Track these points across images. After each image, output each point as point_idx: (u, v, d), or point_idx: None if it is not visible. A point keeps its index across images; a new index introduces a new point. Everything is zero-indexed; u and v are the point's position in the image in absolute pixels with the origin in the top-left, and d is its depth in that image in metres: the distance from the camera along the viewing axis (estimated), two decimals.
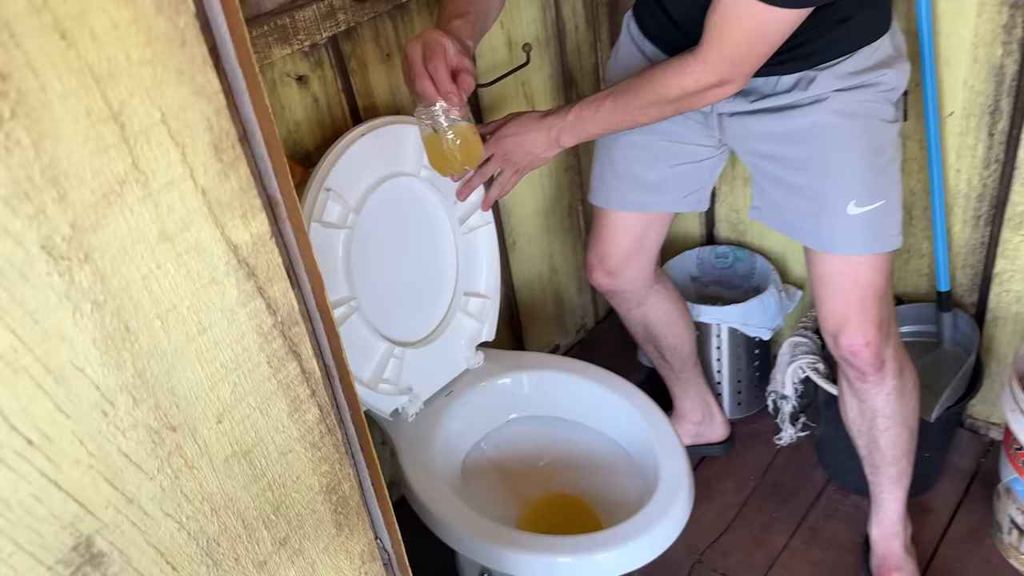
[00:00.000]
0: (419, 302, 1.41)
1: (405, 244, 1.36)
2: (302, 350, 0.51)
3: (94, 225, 0.38)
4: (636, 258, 1.52)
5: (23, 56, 0.34)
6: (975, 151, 1.48)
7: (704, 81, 1.11)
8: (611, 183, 1.45)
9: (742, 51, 1.08)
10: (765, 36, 1.06)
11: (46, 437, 0.39)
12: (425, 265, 1.40)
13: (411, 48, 1.09)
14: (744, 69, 1.10)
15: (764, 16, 1.02)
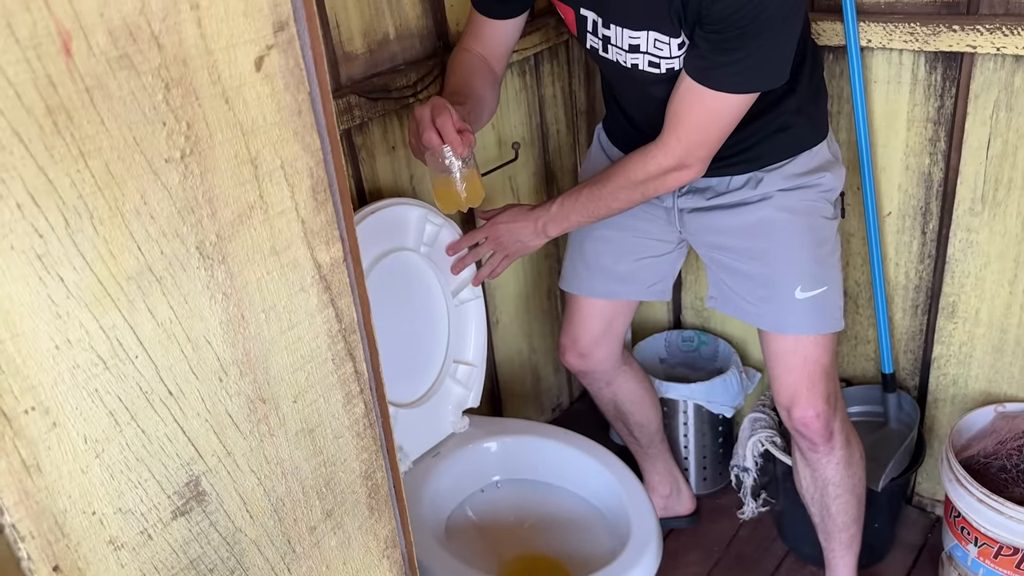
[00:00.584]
0: (413, 367, 1.55)
1: (403, 312, 1.50)
2: (356, 354, 0.65)
3: (231, 236, 0.53)
4: (605, 341, 1.67)
5: (202, 113, 0.49)
6: (911, 247, 1.68)
7: (665, 164, 1.27)
8: (582, 273, 1.61)
9: (697, 135, 1.24)
10: (717, 120, 1.22)
11: (181, 391, 0.52)
12: (420, 333, 1.54)
13: (420, 109, 1.23)
14: (700, 153, 1.26)
15: (715, 102, 1.19)
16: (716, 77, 1.16)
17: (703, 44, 1.15)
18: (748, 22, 1.09)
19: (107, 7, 0.44)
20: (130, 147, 0.46)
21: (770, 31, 1.11)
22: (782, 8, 1.09)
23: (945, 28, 1.41)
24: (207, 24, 0.48)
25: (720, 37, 1.12)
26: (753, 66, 1.14)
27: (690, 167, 1.27)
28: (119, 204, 0.47)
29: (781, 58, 1.16)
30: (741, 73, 1.15)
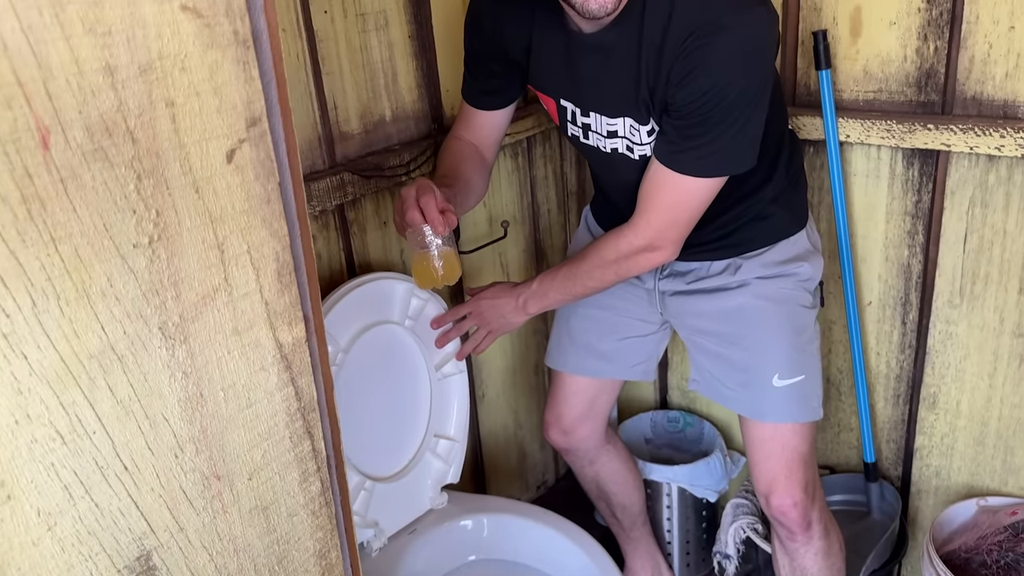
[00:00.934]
0: (393, 440, 1.55)
1: (385, 385, 1.52)
2: (315, 432, 0.66)
3: (194, 317, 0.55)
4: (589, 419, 1.68)
5: (172, 202, 0.52)
6: (892, 337, 1.70)
7: (636, 244, 1.30)
8: (568, 350, 1.63)
9: (666, 217, 1.27)
10: (685, 203, 1.25)
11: (136, 466, 0.54)
12: (402, 406, 1.55)
13: (406, 189, 1.28)
14: (671, 235, 1.28)
15: (682, 185, 1.22)
16: (682, 161, 1.20)
17: (670, 129, 1.20)
18: (711, 108, 1.14)
19: (86, 105, 0.47)
20: (100, 233, 0.49)
21: (733, 118, 1.15)
22: (744, 95, 1.14)
23: (920, 127, 1.46)
24: (181, 120, 0.52)
25: (684, 123, 1.17)
26: (718, 151, 1.18)
27: (661, 249, 1.29)
28: (86, 286, 0.49)
29: (746, 144, 1.20)
30: (706, 158, 1.19)
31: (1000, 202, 1.48)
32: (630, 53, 1.19)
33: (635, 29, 1.17)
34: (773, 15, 1.14)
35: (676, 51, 1.13)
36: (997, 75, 1.41)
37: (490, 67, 1.41)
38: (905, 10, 1.46)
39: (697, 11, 1.12)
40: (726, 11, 1.11)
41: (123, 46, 0.48)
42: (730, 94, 1.13)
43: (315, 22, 1.45)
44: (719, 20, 1.10)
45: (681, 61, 1.13)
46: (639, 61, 1.18)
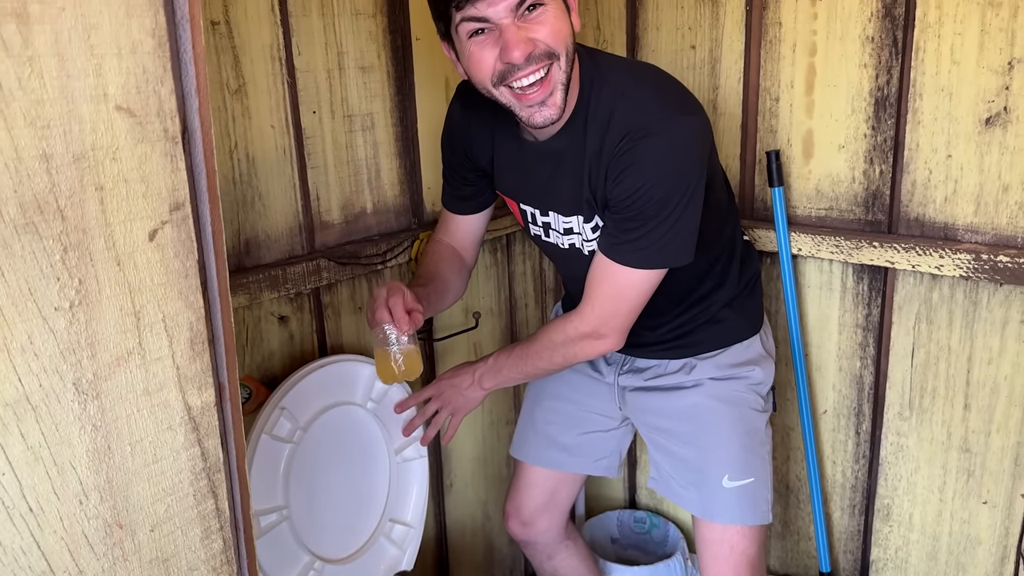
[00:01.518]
0: (346, 521, 1.58)
1: (343, 465, 1.56)
2: (219, 492, 0.72)
3: (107, 376, 0.62)
4: (548, 511, 1.71)
5: (94, 272, 0.60)
6: (846, 446, 1.73)
7: (581, 330, 1.36)
8: (531, 440, 1.68)
9: (609, 306, 1.33)
10: (626, 293, 1.32)
11: (41, 509, 0.60)
12: (358, 487, 1.59)
13: (377, 290, 1.37)
14: (613, 324, 1.34)
15: (622, 276, 1.30)
16: (621, 252, 1.28)
17: (610, 224, 1.29)
18: (644, 204, 1.22)
19: (21, 185, 0.55)
20: (24, 296, 0.56)
21: (666, 213, 1.23)
22: (674, 193, 1.22)
23: (866, 244, 1.54)
24: (109, 202, 0.60)
25: (621, 217, 1.26)
26: (654, 244, 1.26)
27: (605, 337, 1.35)
28: (7, 341, 0.56)
29: (681, 239, 1.27)
30: (643, 250, 1.26)
31: (944, 319, 1.54)
32: (576, 157, 1.29)
33: (580, 136, 1.28)
34: (702, 122, 1.25)
35: (612, 152, 1.23)
36: (937, 199, 1.50)
37: (463, 176, 1.52)
38: (852, 135, 1.56)
39: (632, 117, 1.23)
40: (657, 118, 1.22)
41: (60, 138, 0.56)
42: (660, 192, 1.21)
43: (303, 120, 1.56)
44: (650, 126, 1.21)
45: (615, 161, 1.23)
46: (584, 164, 1.29)
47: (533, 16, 1.15)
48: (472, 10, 1.13)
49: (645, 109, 1.24)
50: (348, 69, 1.62)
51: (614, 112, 1.24)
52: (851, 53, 1.53)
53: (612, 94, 1.26)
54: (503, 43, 1.14)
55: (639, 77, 1.32)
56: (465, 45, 1.19)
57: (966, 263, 1.44)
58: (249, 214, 1.51)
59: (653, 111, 1.23)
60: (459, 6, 1.14)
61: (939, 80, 1.45)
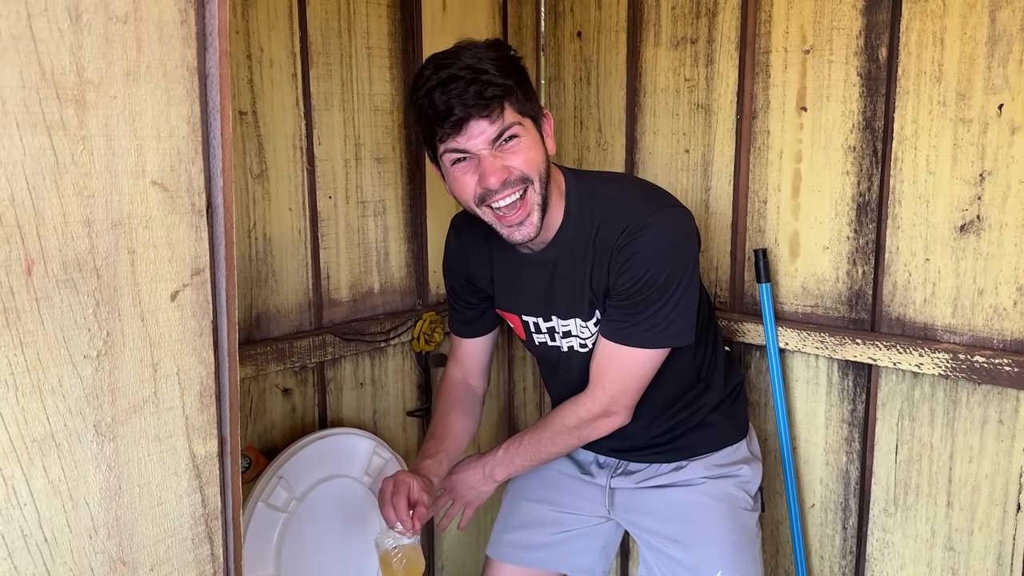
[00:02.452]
0: None
1: (335, 537, 1.59)
2: (215, 538, 0.77)
3: (124, 421, 0.69)
4: None
5: (120, 326, 0.67)
6: (834, 541, 1.75)
7: (593, 411, 1.44)
8: (502, 537, 1.69)
9: (618, 385, 1.42)
10: (633, 372, 1.41)
11: (55, 540, 0.66)
12: (351, 559, 1.62)
13: (385, 483, 1.43)
14: (624, 402, 1.43)
15: (630, 356, 1.39)
16: (627, 335, 1.37)
17: (614, 312, 1.38)
18: (648, 290, 1.33)
19: (65, 246, 0.63)
20: (59, 343, 0.64)
21: (668, 296, 1.34)
22: (676, 276, 1.34)
23: (850, 341, 1.60)
24: (138, 264, 0.68)
25: (627, 303, 1.36)
26: (659, 324, 1.36)
27: (616, 414, 1.43)
28: (40, 383, 0.63)
29: (684, 318, 1.37)
30: (648, 331, 1.36)
31: (926, 417, 1.59)
32: (571, 262, 1.41)
33: (572, 243, 1.40)
34: (686, 212, 1.39)
35: (612, 247, 1.35)
36: (917, 300, 1.57)
37: (467, 300, 1.61)
38: (836, 237, 1.65)
39: (625, 215, 1.35)
40: (649, 212, 1.35)
41: (102, 206, 0.65)
42: (662, 277, 1.33)
43: (319, 204, 1.67)
44: (644, 219, 1.34)
45: (617, 254, 1.35)
46: (581, 265, 1.40)
47: (508, 146, 1.28)
48: (453, 143, 1.28)
49: (636, 206, 1.36)
50: (364, 159, 1.73)
51: (607, 214, 1.37)
52: (834, 161, 1.63)
53: (600, 200, 1.39)
54: (481, 170, 1.28)
55: (619, 184, 1.46)
56: (449, 170, 1.32)
57: (944, 362, 1.50)
58: (262, 289, 1.60)
59: (643, 207, 1.36)
60: (442, 139, 1.28)
61: (916, 188, 1.54)
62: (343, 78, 1.68)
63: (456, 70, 1.24)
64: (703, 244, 1.83)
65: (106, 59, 0.64)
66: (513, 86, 1.28)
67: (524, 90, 1.32)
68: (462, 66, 1.24)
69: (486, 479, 1.56)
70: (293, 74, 1.59)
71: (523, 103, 1.31)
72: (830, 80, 1.62)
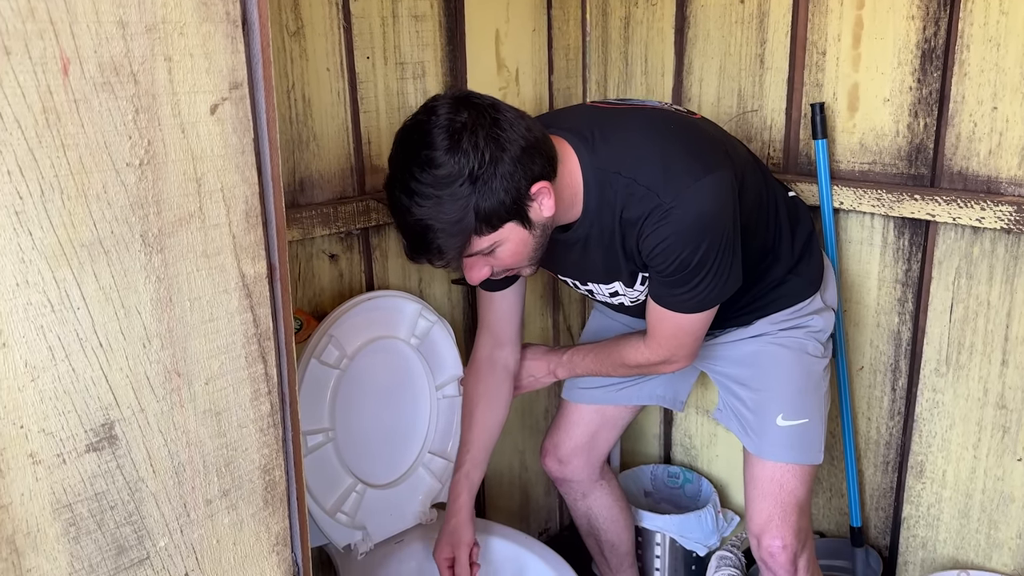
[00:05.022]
0: (389, 449, 1.65)
1: (386, 395, 1.63)
2: (268, 359, 0.78)
3: (170, 233, 0.68)
4: (586, 451, 1.76)
5: (161, 136, 0.66)
6: (881, 403, 1.74)
7: (652, 359, 1.47)
8: (576, 383, 1.73)
9: (674, 342, 1.43)
10: (686, 332, 1.41)
11: (110, 346, 0.67)
12: (401, 418, 1.65)
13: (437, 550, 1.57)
14: (682, 352, 1.45)
15: (679, 320, 1.38)
16: (675, 303, 1.36)
17: (654, 284, 1.37)
18: (684, 270, 1.29)
19: (100, 47, 0.62)
20: (101, 148, 0.63)
21: (707, 269, 1.29)
22: (712, 250, 1.27)
23: (908, 197, 1.55)
24: (176, 72, 0.66)
25: (667, 280, 1.33)
26: (702, 292, 1.32)
27: (677, 361, 1.47)
28: (84, 188, 0.63)
29: (728, 277, 1.33)
30: (693, 299, 1.34)
31: (984, 274, 1.54)
32: (601, 239, 1.35)
33: (598, 222, 1.33)
34: (717, 178, 1.27)
35: (636, 235, 1.30)
36: (981, 152, 1.50)
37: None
38: (898, 88, 1.57)
39: (645, 201, 1.26)
40: (671, 196, 1.25)
41: (134, 7, 0.63)
42: (696, 257, 1.27)
43: (357, 66, 1.63)
44: (667, 205, 1.25)
45: (644, 241, 1.29)
46: (613, 242, 1.34)
47: (492, 254, 1.27)
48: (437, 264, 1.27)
49: (657, 188, 1.26)
50: (402, 17, 1.68)
51: (628, 199, 1.28)
52: (899, 5, 1.53)
53: (621, 183, 1.29)
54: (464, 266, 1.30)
55: (641, 155, 1.30)
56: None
57: (1008, 215, 1.44)
58: (304, 154, 1.59)
59: (665, 188, 1.26)
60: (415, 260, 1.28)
61: (987, 31, 1.45)
62: None
63: (408, 228, 1.23)
64: (757, 103, 1.76)
65: None
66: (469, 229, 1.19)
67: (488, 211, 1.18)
68: (411, 225, 1.21)
69: (548, 374, 1.67)
70: None
71: (488, 222, 1.19)
72: None
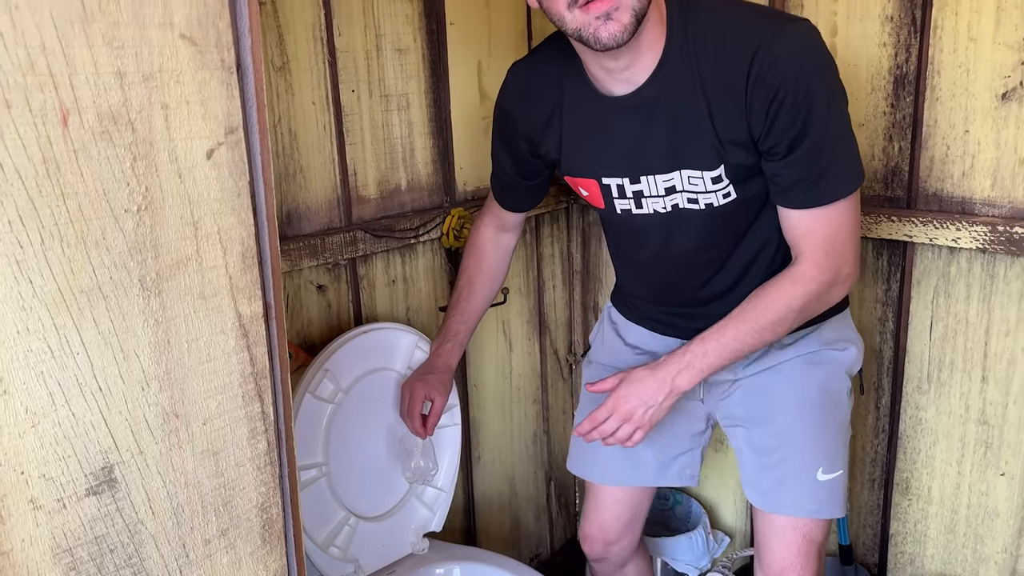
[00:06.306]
0: (381, 481, 1.65)
1: (379, 427, 1.63)
2: (265, 397, 0.79)
3: (168, 277, 0.69)
4: (633, 526, 1.62)
5: (159, 181, 0.68)
6: (866, 421, 1.77)
7: (821, 282, 1.25)
8: (599, 456, 1.53)
9: (832, 252, 1.23)
10: (843, 231, 1.23)
11: (109, 390, 0.67)
12: (394, 449, 1.66)
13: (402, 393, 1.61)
14: (846, 263, 1.25)
15: (834, 216, 1.21)
16: (823, 192, 1.20)
17: (789, 172, 1.20)
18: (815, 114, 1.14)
19: (99, 97, 0.63)
20: (99, 196, 0.64)
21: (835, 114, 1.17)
22: (835, 88, 1.17)
23: (885, 218, 1.58)
24: (172, 119, 0.68)
25: (804, 149, 1.17)
26: (843, 155, 1.20)
27: (843, 280, 1.27)
28: (84, 235, 0.64)
29: (855, 146, 1.22)
30: (836, 171, 1.19)
31: (961, 293, 1.57)
32: (680, 104, 1.21)
33: (682, 77, 1.20)
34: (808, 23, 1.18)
35: (749, 79, 1.15)
36: (955, 174, 1.54)
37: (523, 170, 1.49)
38: (872, 113, 1.60)
39: (751, 39, 1.15)
40: (778, 26, 1.15)
41: (132, 58, 0.64)
42: (823, 91, 1.14)
43: (343, 99, 1.65)
44: (775, 36, 1.13)
45: (760, 86, 1.14)
46: (696, 108, 1.20)
47: None
48: None
49: (760, 24, 1.17)
50: (385, 50, 1.70)
51: (726, 43, 1.17)
52: (871, 33, 1.57)
53: (713, 21, 1.20)
54: None
55: (732, 8, 1.22)
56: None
57: (983, 235, 1.48)
58: (291, 186, 1.60)
59: (769, 23, 1.17)
60: None
61: (956, 57, 1.49)
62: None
63: None
64: None
65: None
66: None
67: None
68: None
69: (668, 393, 1.31)
70: None
71: None
72: None
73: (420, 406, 1.57)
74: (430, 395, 1.58)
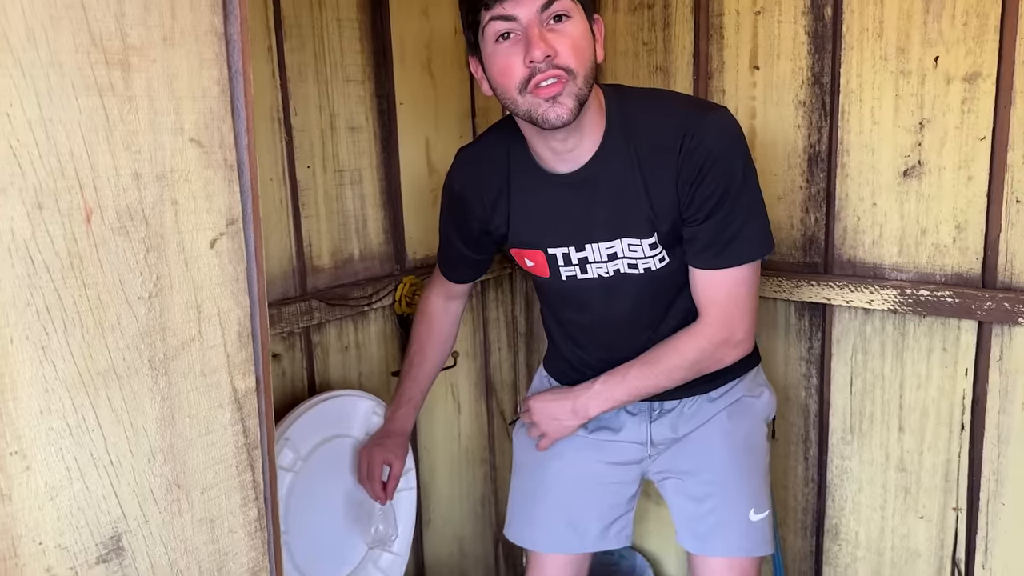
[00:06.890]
0: (339, 547, 1.68)
1: (338, 494, 1.67)
2: (256, 466, 0.85)
3: (174, 357, 0.76)
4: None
5: (168, 271, 0.74)
6: (796, 472, 1.88)
7: (714, 338, 1.39)
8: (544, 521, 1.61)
9: (731, 312, 1.37)
10: (742, 295, 1.36)
11: (120, 463, 0.73)
12: (350, 514, 1.69)
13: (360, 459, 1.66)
14: (741, 326, 1.38)
15: (731, 278, 1.35)
16: (730, 255, 1.33)
17: (702, 235, 1.33)
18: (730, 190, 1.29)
19: (118, 196, 0.70)
20: (116, 285, 0.71)
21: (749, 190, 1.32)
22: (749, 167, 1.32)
23: (805, 283, 1.72)
24: (181, 215, 0.75)
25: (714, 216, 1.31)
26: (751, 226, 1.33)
27: (738, 342, 1.40)
28: (101, 321, 0.70)
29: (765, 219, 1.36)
30: (744, 238, 1.33)
31: (877, 350, 1.72)
32: (617, 179, 1.34)
33: (618, 157, 1.33)
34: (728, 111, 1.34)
35: (679, 153, 1.29)
36: (866, 242, 1.69)
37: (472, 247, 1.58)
38: (790, 187, 1.76)
39: (680, 120, 1.30)
40: (703, 111, 1.31)
41: (147, 161, 0.71)
42: (738, 169, 1.30)
43: (298, 175, 1.73)
44: (702, 120, 1.29)
45: (688, 159, 1.29)
46: (633, 182, 1.33)
47: (558, 27, 1.22)
48: (500, 9, 1.21)
49: (687, 110, 1.32)
50: (339, 129, 1.79)
51: (658, 123, 1.31)
52: (786, 116, 1.74)
53: (646, 110, 1.34)
54: (526, 43, 1.21)
55: (662, 93, 1.45)
56: (492, 51, 1.25)
57: (893, 298, 1.63)
58: None
59: (695, 109, 1.32)
60: (488, 6, 1.22)
61: (862, 138, 1.66)
62: (315, 50, 1.73)
63: None
64: None
65: (145, 25, 0.71)
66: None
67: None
68: None
69: (575, 414, 1.51)
70: (269, 47, 1.64)
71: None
72: (780, 39, 1.72)
73: (380, 471, 1.63)
74: (388, 460, 1.63)
